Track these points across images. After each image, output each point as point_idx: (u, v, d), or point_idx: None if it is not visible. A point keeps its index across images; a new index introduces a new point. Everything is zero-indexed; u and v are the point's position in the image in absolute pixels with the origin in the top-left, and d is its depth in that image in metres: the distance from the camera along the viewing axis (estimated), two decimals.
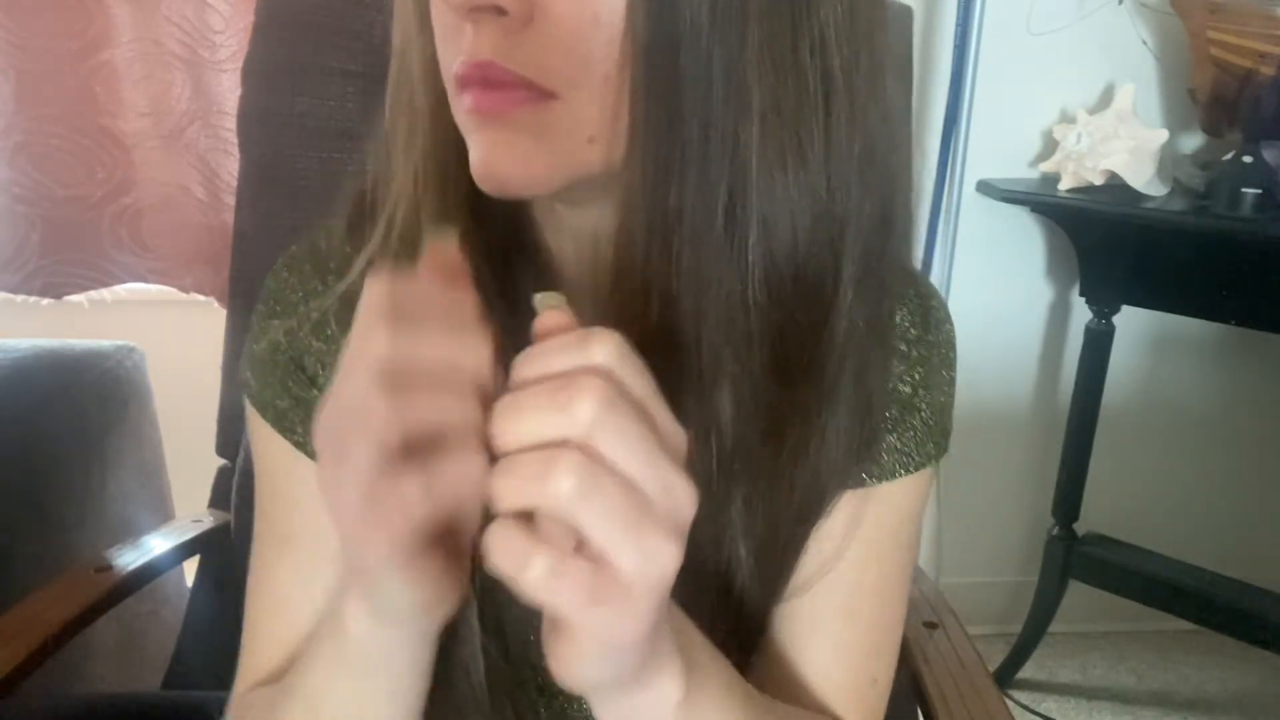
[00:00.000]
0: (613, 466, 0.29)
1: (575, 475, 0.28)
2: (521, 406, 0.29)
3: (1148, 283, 1.47)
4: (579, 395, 0.28)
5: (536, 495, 0.28)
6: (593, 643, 0.31)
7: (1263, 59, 1.33)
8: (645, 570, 0.29)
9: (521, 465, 0.29)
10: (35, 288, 1.32)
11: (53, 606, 0.72)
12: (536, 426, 0.29)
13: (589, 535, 0.29)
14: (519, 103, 0.38)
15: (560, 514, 0.28)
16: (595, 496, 0.28)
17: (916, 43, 1.07)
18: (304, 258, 0.52)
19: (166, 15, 1.25)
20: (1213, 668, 1.74)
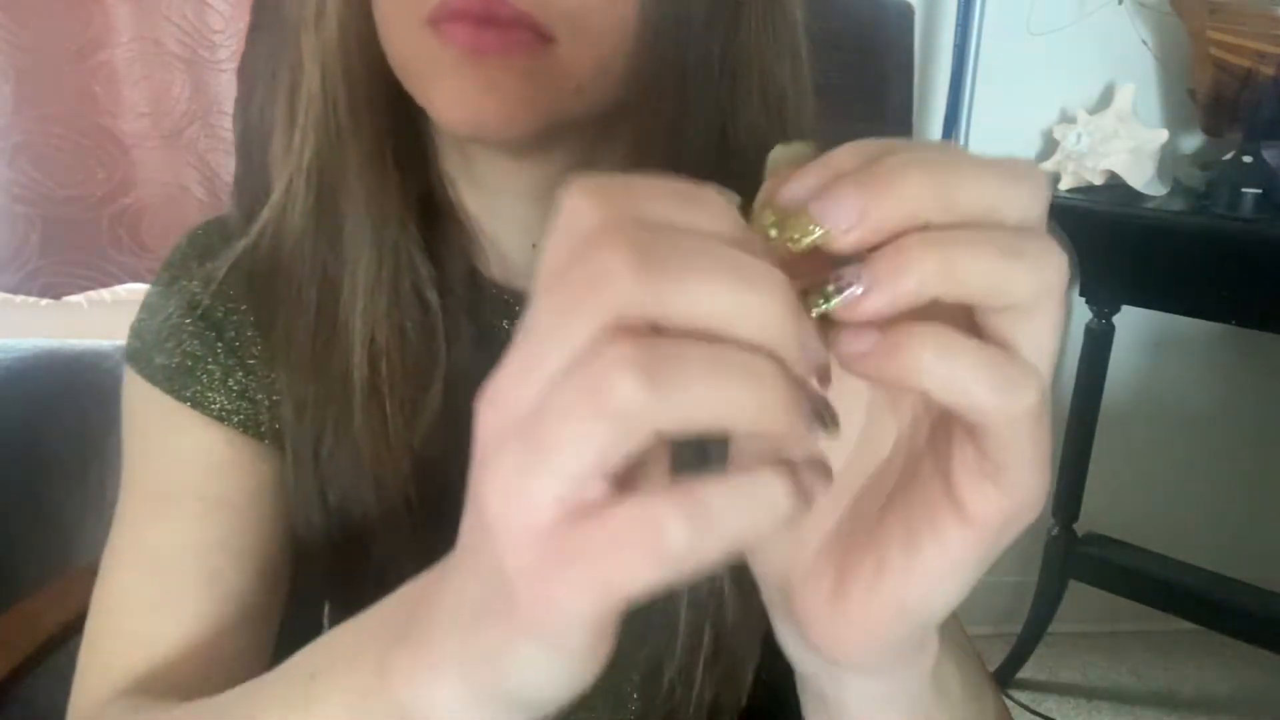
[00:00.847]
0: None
1: (1061, 259, 0.23)
2: (961, 164, 0.21)
3: (1147, 283, 1.47)
4: (1027, 165, 0.23)
5: (1014, 282, 0.22)
6: (1004, 523, 0.24)
7: (1263, 59, 1.33)
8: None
9: (992, 237, 0.21)
10: (35, 288, 1.32)
11: (53, 606, 0.72)
12: (987, 192, 0.21)
13: (1033, 352, 0.23)
14: (518, 45, 0.36)
15: (1016, 314, 0.22)
16: (1062, 294, 0.24)
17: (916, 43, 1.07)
18: (208, 231, 0.51)
19: (166, 15, 1.25)
20: (1213, 668, 1.73)
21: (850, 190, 0.20)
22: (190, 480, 0.46)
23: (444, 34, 0.36)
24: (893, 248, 0.20)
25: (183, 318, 0.47)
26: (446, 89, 0.37)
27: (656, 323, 0.19)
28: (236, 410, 0.47)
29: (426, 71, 0.38)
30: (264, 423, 0.47)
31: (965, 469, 0.23)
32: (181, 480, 0.46)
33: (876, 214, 0.20)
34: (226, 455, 0.46)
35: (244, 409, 0.47)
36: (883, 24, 0.85)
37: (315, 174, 0.42)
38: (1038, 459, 0.22)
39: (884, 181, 0.20)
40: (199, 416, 0.46)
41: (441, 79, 0.37)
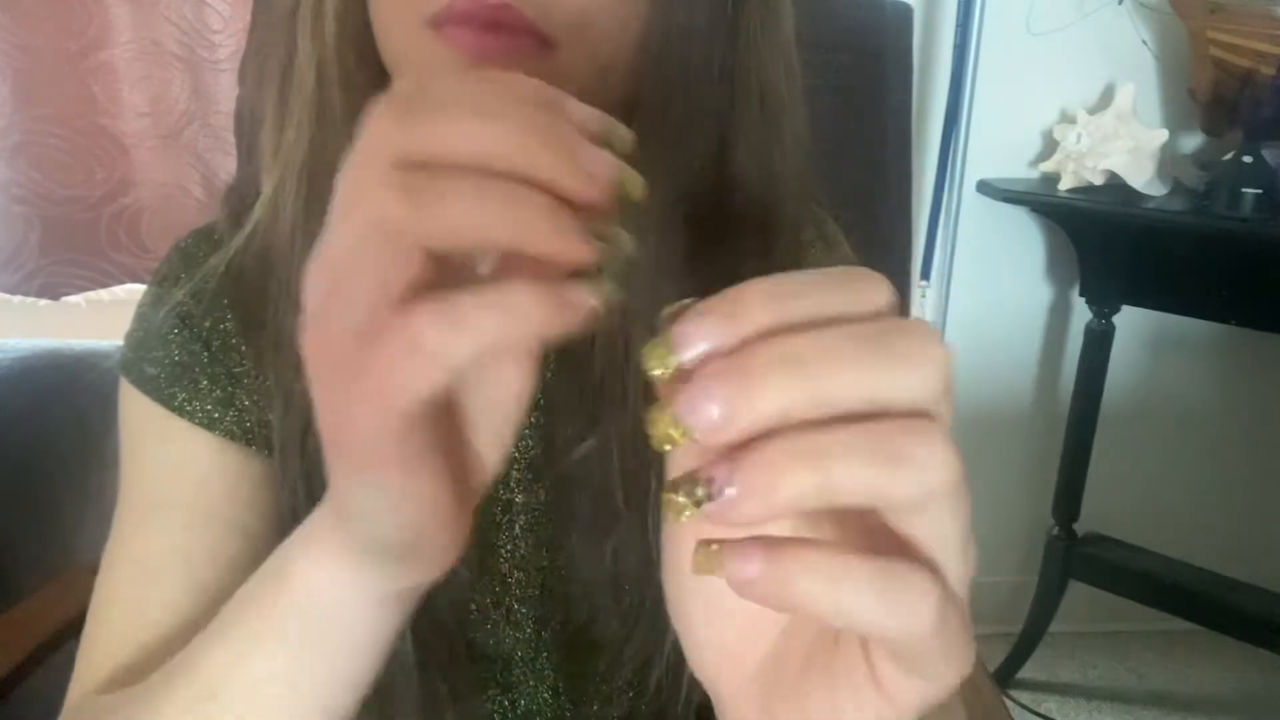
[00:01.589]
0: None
1: (953, 460, 0.20)
2: (838, 354, 0.20)
3: (1148, 283, 1.47)
4: (921, 342, 0.20)
5: (893, 488, 0.20)
6: (916, 699, 0.23)
7: (1263, 59, 1.33)
8: (967, 579, 0.23)
9: (869, 442, 0.19)
10: (34, 288, 1.32)
11: (53, 606, 0.72)
12: (861, 387, 0.20)
13: (932, 545, 0.21)
14: (520, 51, 0.36)
15: (912, 512, 0.21)
16: (963, 490, 0.21)
17: (916, 43, 1.07)
18: (195, 241, 0.51)
19: (165, 15, 1.25)
20: (1213, 668, 1.73)
21: (717, 387, 0.19)
22: (179, 489, 0.46)
23: (446, 37, 0.36)
24: (764, 457, 0.19)
25: (171, 329, 0.48)
26: None
27: (426, 162, 0.21)
28: (223, 418, 0.47)
29: (425, 73, 0.37)
30: (252, 429, 0.47)
31: (881, 657, 0.23)
32: (171, 490, 0.46)
33: (742, 419, 0.19)
34: (216, 463, 0.47)
35: (231, 416, 0.47)
36: (882, 24, 0.85)
37: (307, 170, 0.42)
38: (952, 654, 0.22)
39: (754, 379, 0.19)
40: (187, 425, 0.47)
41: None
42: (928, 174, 1.50)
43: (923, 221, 1.48)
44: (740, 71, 0.41)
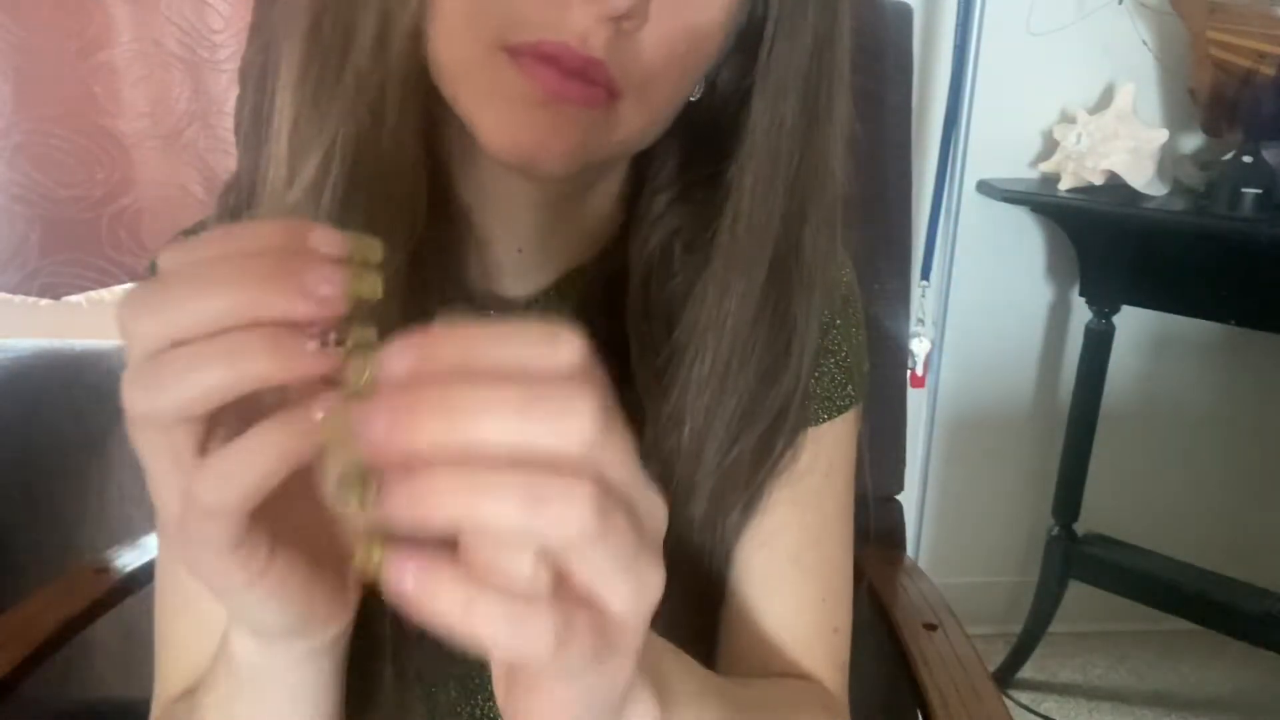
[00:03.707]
0: (616, 492, 0.23)
1: (594, 506, 0.22)
2: (493, 402, 0.22)
3: (1148, 283, 1.47)
4: (578, 399, 0.22)
5: (537, 526, 0.22)
6: (579, 701, 0.27)
7: (1263, 59, 1.33)
8: (638, 607, 0.25)
9: (512, 484, 0.22)
10: (34, 288, 1.32)
11: (53, 606, 0.72)
12: (520, 430, 0.22)
13: (587, 577, 0.24)
14: (592, 102, 0.38)
15: (564, 552, 0.23)
16: (610, 534, 0.23)
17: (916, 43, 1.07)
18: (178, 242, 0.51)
19: (166, 15, 1.25)
20: (1213, 668, 1.73)
21: (382, 413, 0.23)
22: None
23: (526, 69, 0.37)
24: (418, 481, 0.22)
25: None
26: (509, 119, 0.38)
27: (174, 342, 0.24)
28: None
29: (491, 98, 0.38)
30: None
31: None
32: None
33: (396, 447, 0.22)
34: None
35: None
36: (882, 24, 0.85)
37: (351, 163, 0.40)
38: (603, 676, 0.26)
39: (413, 415, 0.22)
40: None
41: (507, 109, 0.38)
42: (928, 174, 1.50)
43: (923, 221, 1.48)
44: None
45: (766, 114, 0.43)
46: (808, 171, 0.44)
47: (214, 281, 0.25)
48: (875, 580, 0.80)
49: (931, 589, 0.80)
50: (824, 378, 0.52)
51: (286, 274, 0.25)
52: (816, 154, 0.44)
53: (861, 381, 0.54)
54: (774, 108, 0.43)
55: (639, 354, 0.46)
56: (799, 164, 0.44)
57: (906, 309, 0.89)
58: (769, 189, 0.44)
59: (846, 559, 0.55)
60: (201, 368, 0.24)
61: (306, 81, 0.40)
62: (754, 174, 0.44)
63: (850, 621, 0.54)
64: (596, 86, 0.37)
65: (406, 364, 0.23)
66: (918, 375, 1.49)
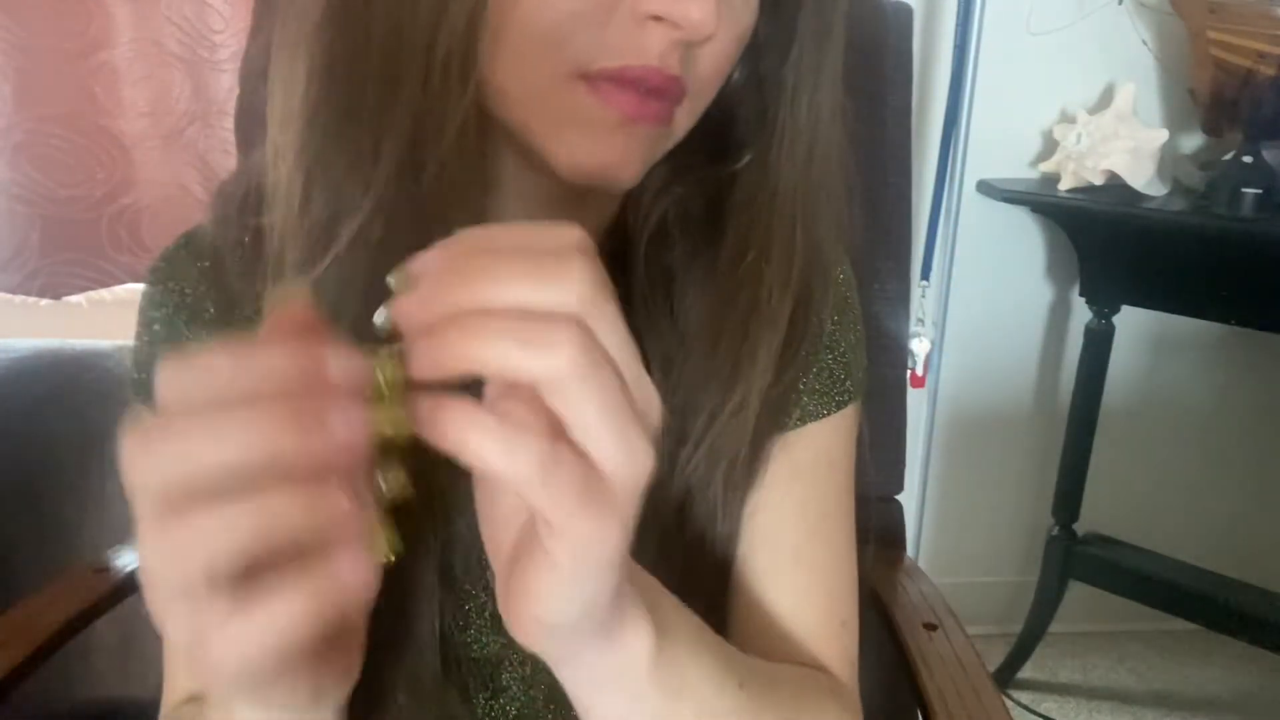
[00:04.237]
0: (604, 349, 0.26)
1: (578, 348, 0.25)
2: (499, 271, 0.25)
3: (1148, 283, 1.47)
4: (572, 266, 0.26)
5: (529, 364, 0.25)
6: (572, 559, 0.28)
7: (1263, 59, 1.33)
8: (628, 469, 0.27)
9: (510, 328, 0.25)
10: (35, 288, 1.32)
11: (53, 606, 0.72)
12: (521, 292, 0.25)
13: (576, 422, 0.26)
14: (666, 118, 0.40)
15: (549, 392, 0.26)
16: (593, 378, 0.25)
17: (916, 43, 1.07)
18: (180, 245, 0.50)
19: (166, 15, 1.25)
20: (1213, 668, 1.73)
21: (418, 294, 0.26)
22: None
23: (605, 94, 0.38)
24: (439, 331, 0.26)
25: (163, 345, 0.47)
26: (590, 147, 0.39)
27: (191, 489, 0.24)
28: None
29: (569, 125, 0.39)
30: None
31: (546, 534, 0.28)
32: None
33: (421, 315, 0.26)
34: None
35: None
36: (882, 24, 0.85)
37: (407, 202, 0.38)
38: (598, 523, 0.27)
39: (437, 290, 0.26)
40: None
41: (588, 137, 0.39)
42: (928, 174, 1.50)
43: (923, 221, 1.48)
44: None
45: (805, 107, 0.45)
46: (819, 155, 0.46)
47: (231, 425, 0.23)
48: (875, 580, 0.80)
49: (931, 589, 0.80)
50: (822, 373, 0.52)
51: (309, 418, 0.24)
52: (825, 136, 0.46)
53: (859, 377, 0.55)
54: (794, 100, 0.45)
55: (644, 325, 0.47)
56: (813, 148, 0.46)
57: (906, 309, 0.89)
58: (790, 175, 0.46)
59: (850, 554, 0.55)
60: (231, 529, 0.23)
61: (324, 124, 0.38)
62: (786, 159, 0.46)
63: (857, 616, 0.54)
64: (669, 103, 0.39)
65: (434, 259, 0.27)
66: (918, 375, 1.49)
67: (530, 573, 0.29)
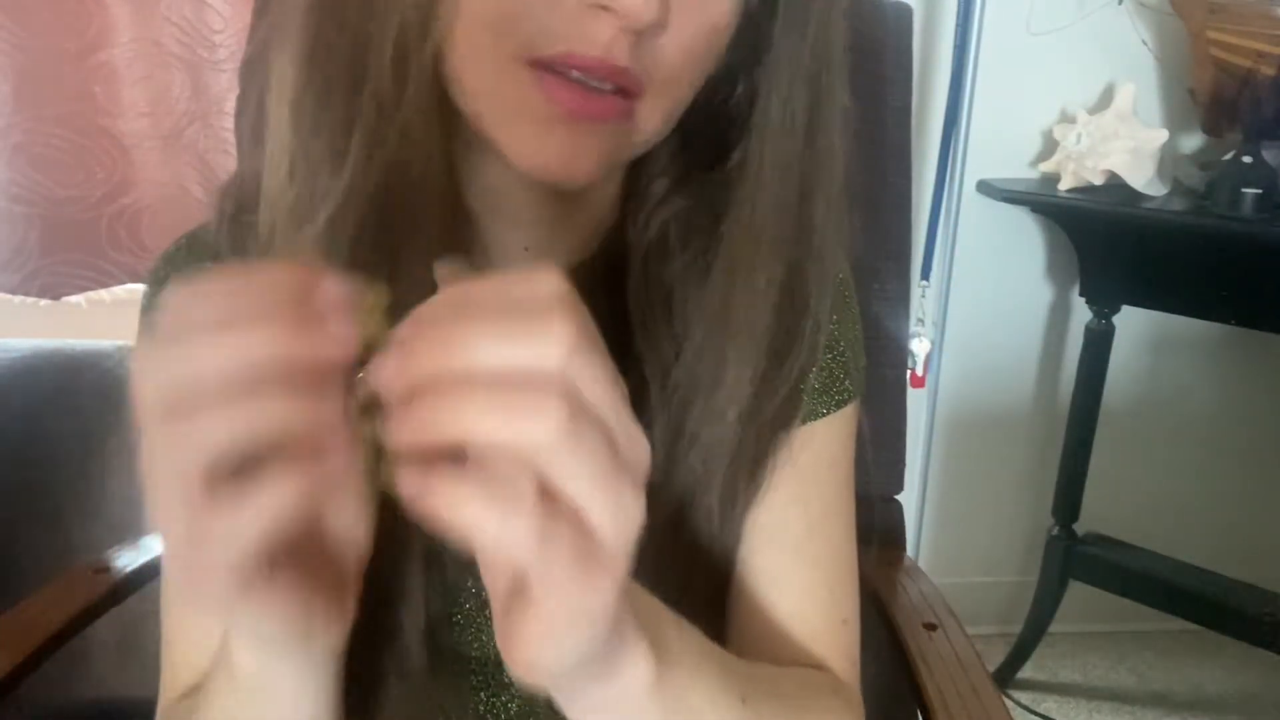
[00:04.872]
0: (590, 409, 0.26)
1: (563, 414, 0.25)
2: (480, 332, 0.25)
3: (1148, 283, 1.47)
4: (551, 324, 0.25)
5: (515, 434, 0.25)
6: (566, 617, 0.28)
7: (1263, 59, 1.33)
8: (619, 527, 0.27)
9: (493, 398, 0.25)
10: (34, 288, 1.32)
11: (53, 607, 0.72)
12: (503, 353, 0.25)
13: (565, 486, 0.26)
14: (615, 114, 0.38)
15: (538, 460, 0.25)
16: (580, 443, 0.25)
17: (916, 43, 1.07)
18: (181, 247, 0.50)
19: (166, 15, 1.25)
20: (1213, 668, 1.73)
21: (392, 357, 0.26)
22: None
23: (548, 88, 0.37)
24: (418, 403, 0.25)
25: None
26: (532, 138, 0.38)
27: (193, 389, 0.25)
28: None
29: (515, 116, 0.38)
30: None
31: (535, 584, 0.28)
32: None
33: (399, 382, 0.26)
34: None
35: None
36: (882, 24, 0.85)
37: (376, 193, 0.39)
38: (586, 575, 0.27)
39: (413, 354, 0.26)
40: None
41: (532, 130, 0.38)
42: (928, 174, 1.50)
43: (923, 221, 1.48)
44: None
45: (778, 103, 0.44)
46: (815, 154, 0.45)
47: (232, 328, 0.25)
48: (875, 580, 0.80)
49: (931, 589, 0.80)
50: (823, 372, 0.52)
51: (303, 321, 0.25)
52: (823, 135, 0.45)
53: (859, 376, 0.55)
54: (786, 97, 0.44)
55: (643, 336, 0.47)
56: (805, 150, 0.45)
57: (906, 309, 0.89)
58: (784, 173, 0.44)
59: (851, 552, 0.55)
60: (231, 417, 0.24)
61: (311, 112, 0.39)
62: (768, 159, 0.44)
63: (858, 614, 0.54)
64: (617, 98, 0.38)
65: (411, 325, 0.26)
66: (918, 375, 1.49)
67: (525, 624, 0.29)
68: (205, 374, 0.25)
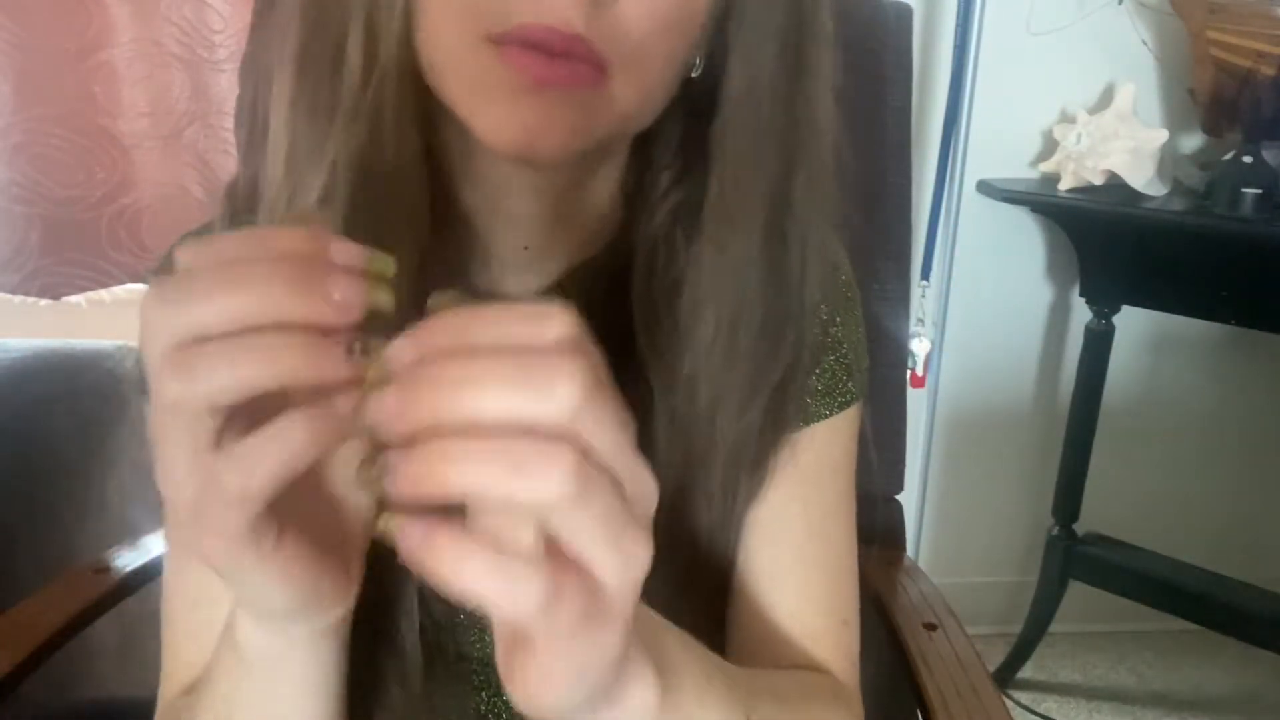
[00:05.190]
0: (599, 460, 0.25)
1: (572, 471, 0.24)
2: (484, 378, 0.24)
3: (1148, 283, 1.47)
4: (560, 374, 0.24)
5: (522, 492, 0.24)
6: (569, 668, 0.28)
7: (1263, 59, 1.33)
8: (625, 577, 0.26)
9: (499, 453, 0.24)
10: (34, 288, 1.32)
11: (53, 607, 0.72)
12: (509, 403, 0.24)
13: (572, 543, 0.25)
14: (579, 81, 0.37)
15: (547, 517, 0.25)
16: (590, 498, 0.24)
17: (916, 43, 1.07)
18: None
19: (166, 15, 1.25)
20: (1213, 668, 1.73)
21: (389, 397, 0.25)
22: None
23: (509, 58, 0.36)
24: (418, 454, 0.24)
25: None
26: (502, 111, 0.37)
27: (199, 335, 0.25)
28: None
29: (481, 91, 0.38)
30: None
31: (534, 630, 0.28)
32: None
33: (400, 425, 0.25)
34: None
35: None
36: (882, 24, 0.85)
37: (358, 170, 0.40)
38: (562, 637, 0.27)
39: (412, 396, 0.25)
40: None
41: (499, 103, 0.37)
42: (928, 174, 1.50)
43: (923, 221, 1.48)
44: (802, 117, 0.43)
45: (742, 70, 0.42)
46: (792, 126, 0.43)
47: (243, 280, 0.25)
48: (875, 580, 0.80)
49: (931, 589, 0.80)
50: (825, 373, 0.52)
51: (312, 279, 0.26)
52: (800, 108, 0.43)
53: (862, 378, 0.55)
54: (750, 62, 0.42)
55: (646, 338, 0.46)
56: (782, 119, 0.43)
57: (906, 309, 0.89)
58: (752, 145, 0.43)
59: (851, 553, 0.55)
60: (238, 361, 0.25)
61: (300, 102, 0.40)
62: (735, 131, 0.43)
63: (858, 615, 0.54)
64: (583, 64, 0.37)
65: (410, 353, 0.25)
66: (918, 375, 1.49)
67: (528, 667, 0.28)
68: (210, 323, 0.25)
